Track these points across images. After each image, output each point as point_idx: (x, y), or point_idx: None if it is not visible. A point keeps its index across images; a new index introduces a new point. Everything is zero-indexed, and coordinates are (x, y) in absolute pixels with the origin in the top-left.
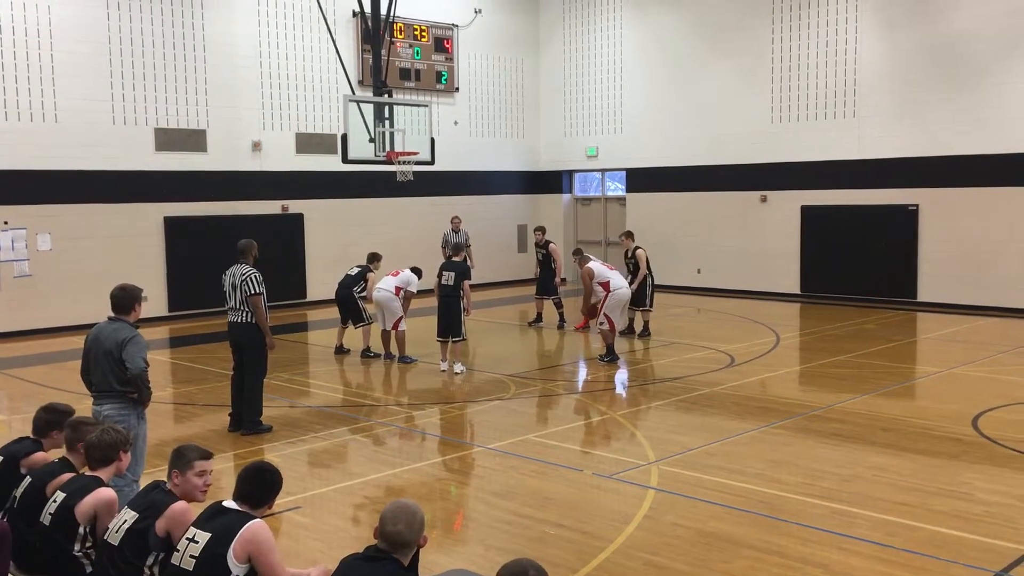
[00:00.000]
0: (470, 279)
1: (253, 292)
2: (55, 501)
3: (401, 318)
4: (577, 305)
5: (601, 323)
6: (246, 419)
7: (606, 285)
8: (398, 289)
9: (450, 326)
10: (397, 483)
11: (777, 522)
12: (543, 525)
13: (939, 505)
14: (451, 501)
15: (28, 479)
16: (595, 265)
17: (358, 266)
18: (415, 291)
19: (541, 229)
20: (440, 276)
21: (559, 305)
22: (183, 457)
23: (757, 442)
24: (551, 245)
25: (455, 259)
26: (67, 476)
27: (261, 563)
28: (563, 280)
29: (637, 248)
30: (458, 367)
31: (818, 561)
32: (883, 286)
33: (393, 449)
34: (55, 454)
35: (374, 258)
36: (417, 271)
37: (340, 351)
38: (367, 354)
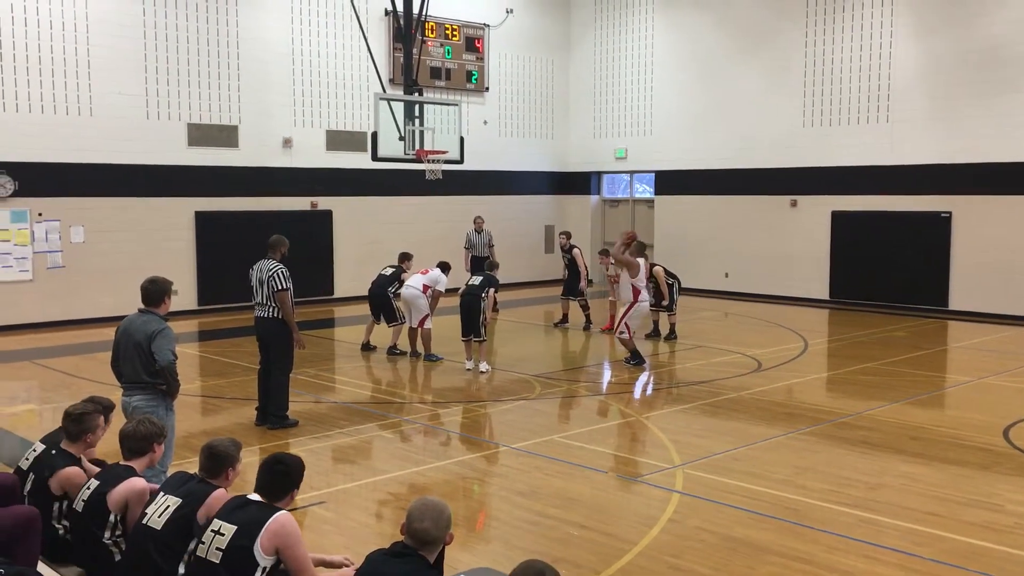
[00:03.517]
0: (497, 290)
1: (280, 288)
2: (88, 488)
3: (427, 316)
4: (603, 306)
5: (621, 332)
6: (272, 414)
7: (637, 293)
8: (426, 287)
9: (470, 325)
10: (421, 480)
11: (803, 529)
12: (567, 526)
13: (968, 516)
14: (475, 500)
15: (32, 475)
16: (642, 265)
17: (391, 266)
18: (443, 290)
19: (566, 234)
20: (469, 279)
21: (585, 307)
22: (235, 457)
23: (783, 448)
24: (575, 250)
25: (489, 272)
26: (72, 471)
27: (288, 556)
28: (590, 282)
29: (654, 266)
30: (483, 366)
31: (844, 569)
32: (914, 293)
33: (418, 447)
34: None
35: (405, 257)
36: (445, 266)
37: (367, 348)
38: (393, 351)
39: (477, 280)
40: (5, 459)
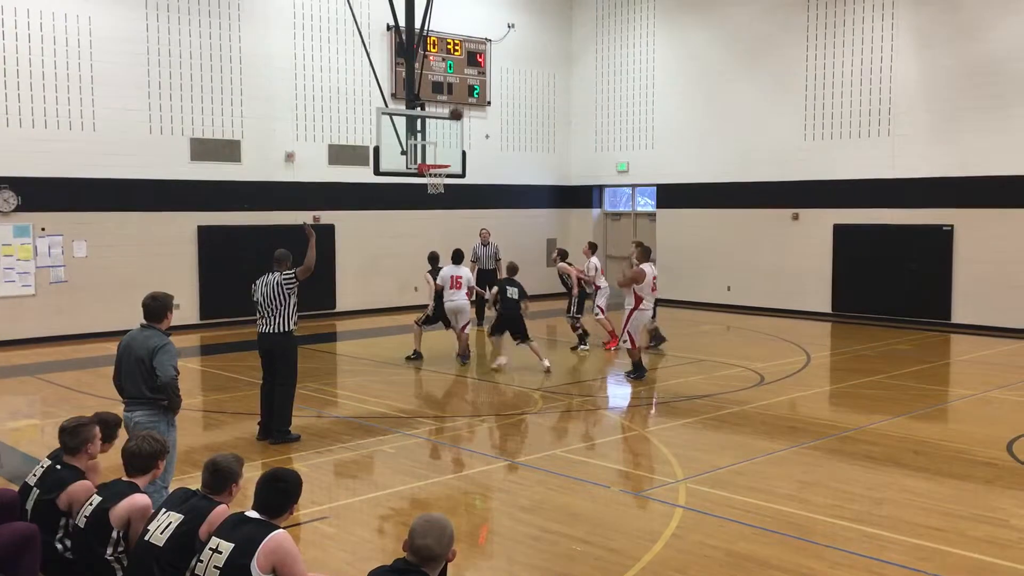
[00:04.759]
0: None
1: (292, 283)
2: (91, 504)
3: (470, 321)
4: (588, 323)
5: (624, 341)
6: (275, 428)
7: (639, 300)
8: (467, 293)
9: (513, 330)
10: (423, 495)
11: (807, 544)
12: (570, 541)
13: (972, 530)
14: (477, 515)
15: (37, 491)
16: (648, 271)
17: (433, 271)
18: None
19: (558, 251)
20: (505, 291)
21: (574, 327)
22: (238, 473)
23: (787, 462)
24: (559, 265)
25: (515, 278)
26: (83, 485)
27: (286, 574)
28: (582, 294)
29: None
30: (546, 362)
31: None
32: (916, 307)
33: (420, 461)
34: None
35: (437, 259)
36: (459, 255)
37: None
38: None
39: (515, 293)
40: (7, 474)
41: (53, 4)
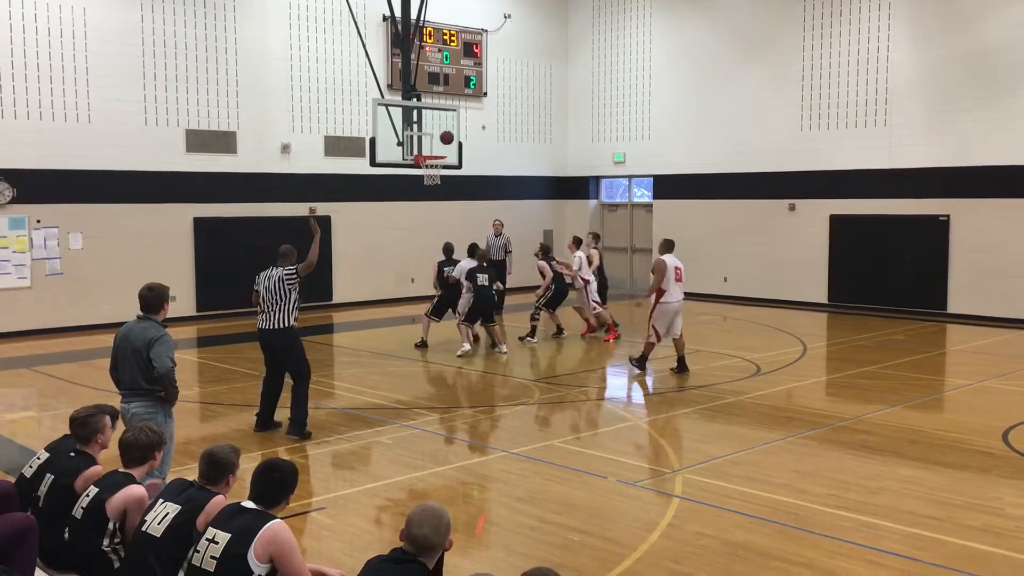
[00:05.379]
0: (505, 283)
1: (294, 279)
2: (88, 496)
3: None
4: (568, 316)
5: (649, 336)
6: (297, 421)
7: (661, 293)
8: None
9: (485, 315)
10: (421, 486)
11: (804, 533)
12: (566, 531)
13: (968, 519)
14: (474, 505)
15: (51, 476)
16: (670, 262)
17: (451, 262)
18: None
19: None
20: (475, 278)
21: (531, 318)
22: (235, 463)
23: (783, 452)
24: (540, 263)
25: (487, 265)
26: (97, 470)
27: (283, 564)
28: (559, 291)
29: (595, 250)
30: (504, 348)
31: (845, 574)
32: (912, 297)
33: (417, 452)
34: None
35: (452, 250)
36: (473, 250)
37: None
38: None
39: (485, 279)
40: (3, 466)
41: None
